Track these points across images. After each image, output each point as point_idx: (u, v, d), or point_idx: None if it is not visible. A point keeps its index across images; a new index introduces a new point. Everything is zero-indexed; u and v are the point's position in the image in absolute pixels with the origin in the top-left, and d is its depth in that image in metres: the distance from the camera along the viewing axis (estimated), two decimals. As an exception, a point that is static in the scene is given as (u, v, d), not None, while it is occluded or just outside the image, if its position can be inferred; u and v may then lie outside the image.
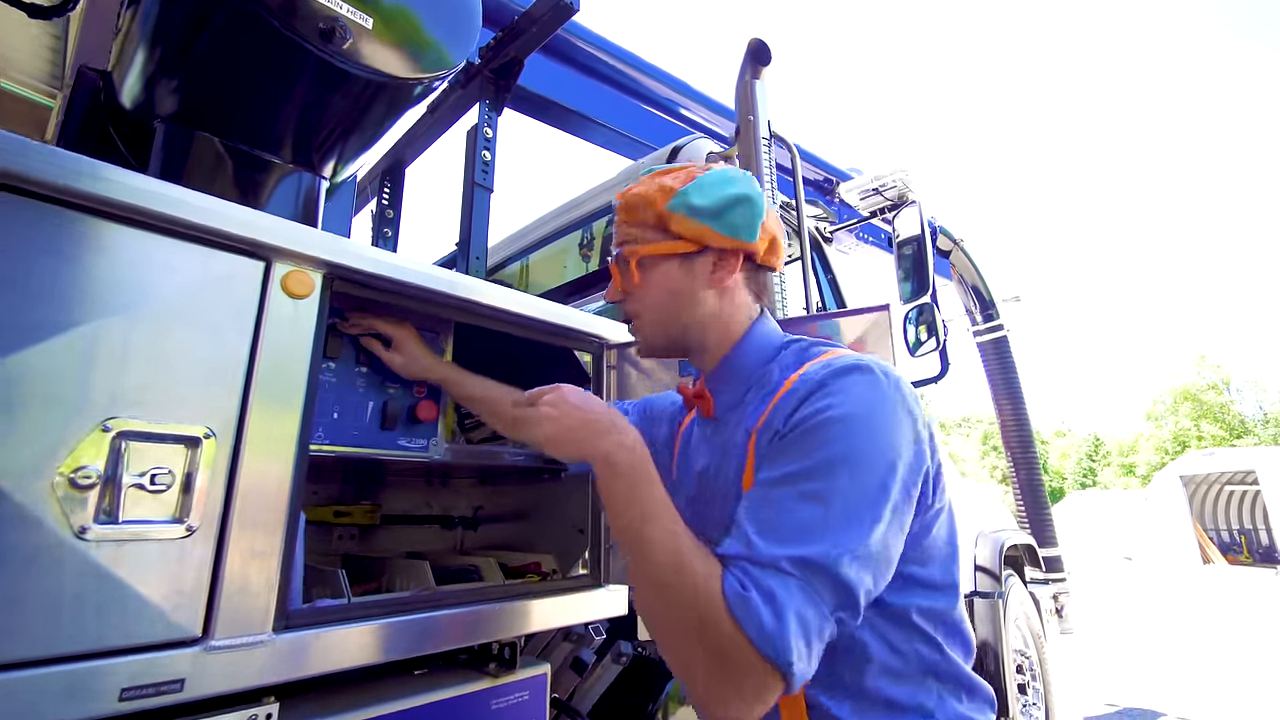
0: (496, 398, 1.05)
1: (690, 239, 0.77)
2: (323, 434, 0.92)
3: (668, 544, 0.61)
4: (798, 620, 0.55)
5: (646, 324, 0.84)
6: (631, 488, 0.66)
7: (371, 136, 1.58)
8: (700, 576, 0.58)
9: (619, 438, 0.69)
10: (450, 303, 1.00)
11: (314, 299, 0.81)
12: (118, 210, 0.66)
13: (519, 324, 1.11)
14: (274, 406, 0.75)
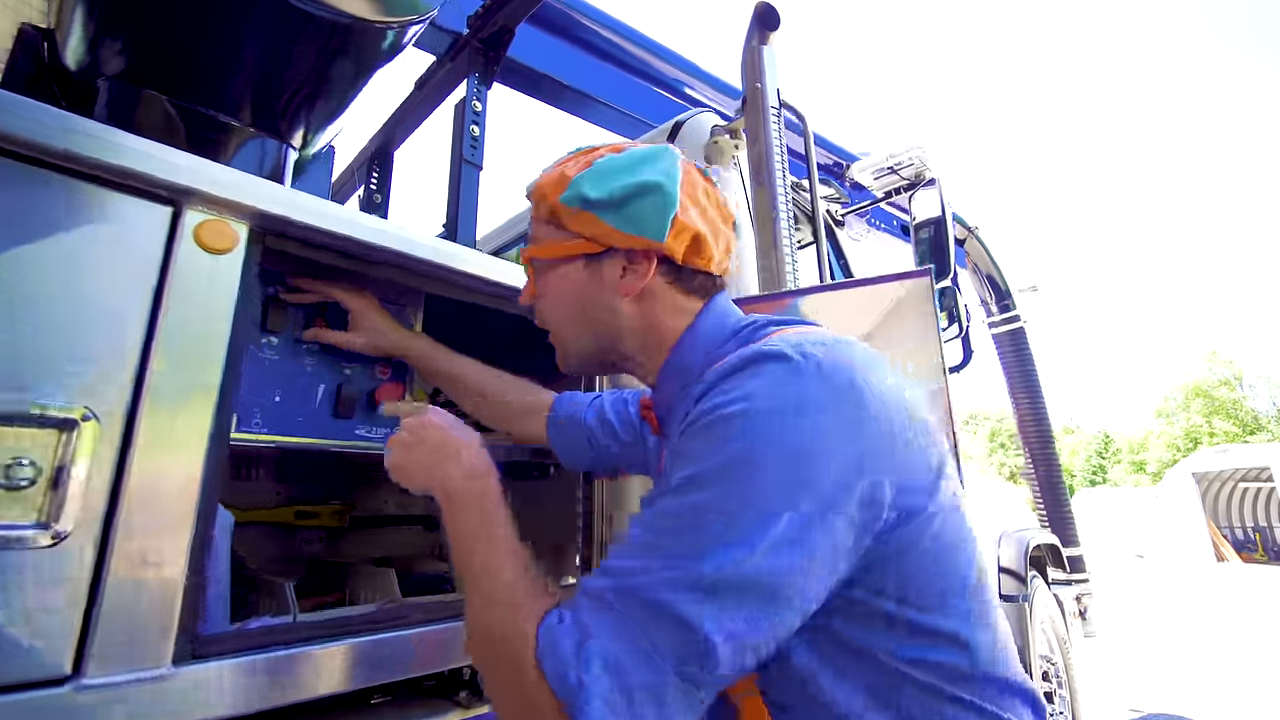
0: (482, 381, 0.91)
1: (590, 238, 0.61)
2: (259, 420, 0.78)
3: (499, 579, 0.51)
4: (606, 668, 0.42)
5: (560, 338, 0.68)
6: (468, 521, 0.57)
7: (341, 98, 1.44)
8: (523, 612, 0.48)
9: (462, 466, 0.60)
10: (415, 267, 0.85)
11: (237, 255, 0.67)
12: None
13: (498, 294, 0.96)
14: (180, 384, 0.61)
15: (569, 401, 0.90)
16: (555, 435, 0.89)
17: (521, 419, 0.92)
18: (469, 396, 0.92)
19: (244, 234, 0.68)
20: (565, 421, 0.88)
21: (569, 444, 0.88)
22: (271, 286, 0.82)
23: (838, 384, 0.48)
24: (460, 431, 0.64)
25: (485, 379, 0.91)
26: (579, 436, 0.87)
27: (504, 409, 0.92)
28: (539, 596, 0.49)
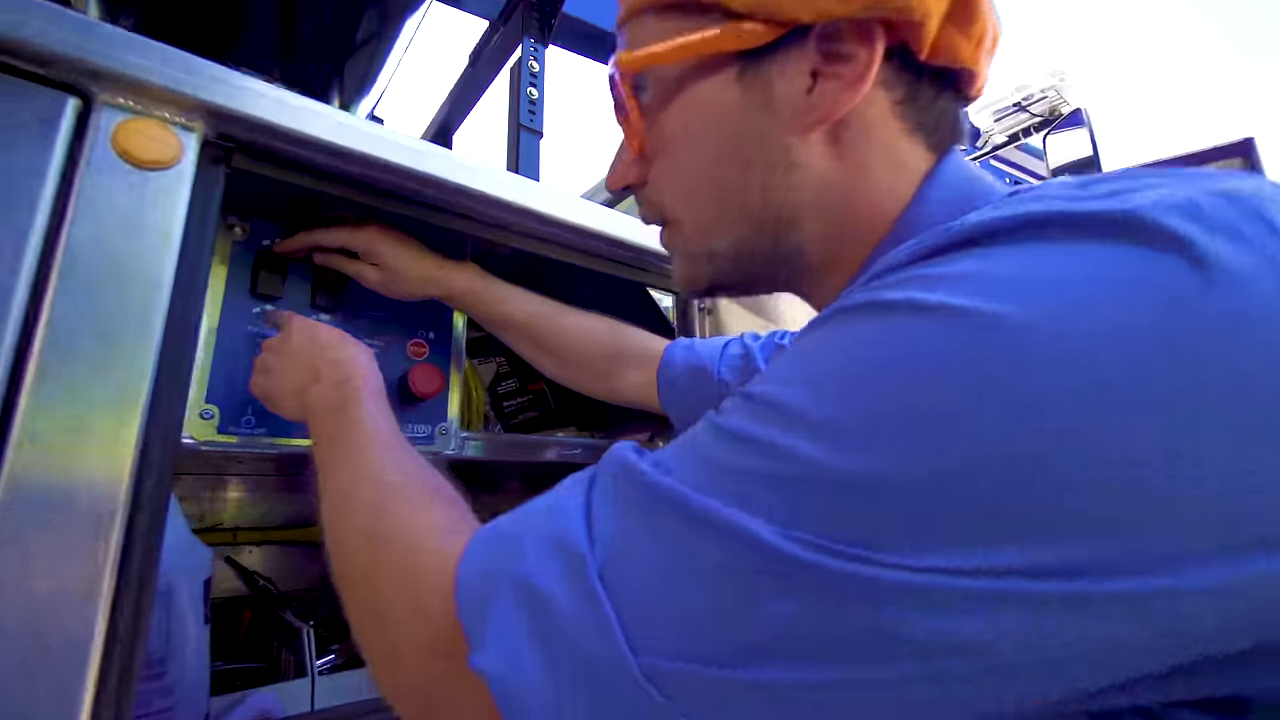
0: (559, 322, 0.67)
1: (749, 11, 0.31)
2: (252, 419, 0.57)
3: (377, 496, 0.36)
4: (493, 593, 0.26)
5: (685, 230, 0.38)
6: (334, 433, 0.43)
7: (374, 51, 1.26)
8: None
9: (333, 374, 0.47)
10: (452, 202, 0.62)
11: (182, 173, 0.45)
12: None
13: (560, 241, 0.72)
14: (87, 371, 0.40)
15: (688, 350, 0.64)
16: (670, 396, 0.64)
17: (617, 371, 0.67)
18: (542, 345, 0.68)
19: (192, 143, 0.46)
20: (684, 377, 0.62)
21: (690, 409, 0.62)
22: (265, 237, 0.62)
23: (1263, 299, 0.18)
24: (328, 334, 0.52)
25: (564, 320, 0.67)
26: (706, 397, 0.60)
27: (591, 358, 0.67)
28: None
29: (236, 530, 0.91)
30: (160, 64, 0.44)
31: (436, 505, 0.35)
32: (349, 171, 0.55)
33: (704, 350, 0.63)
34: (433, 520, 0.34)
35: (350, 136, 0.52)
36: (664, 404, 0.64)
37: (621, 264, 0.77)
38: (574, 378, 0.69)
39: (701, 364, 0.62)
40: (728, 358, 0.61)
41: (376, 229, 0.63)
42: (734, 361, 0.61)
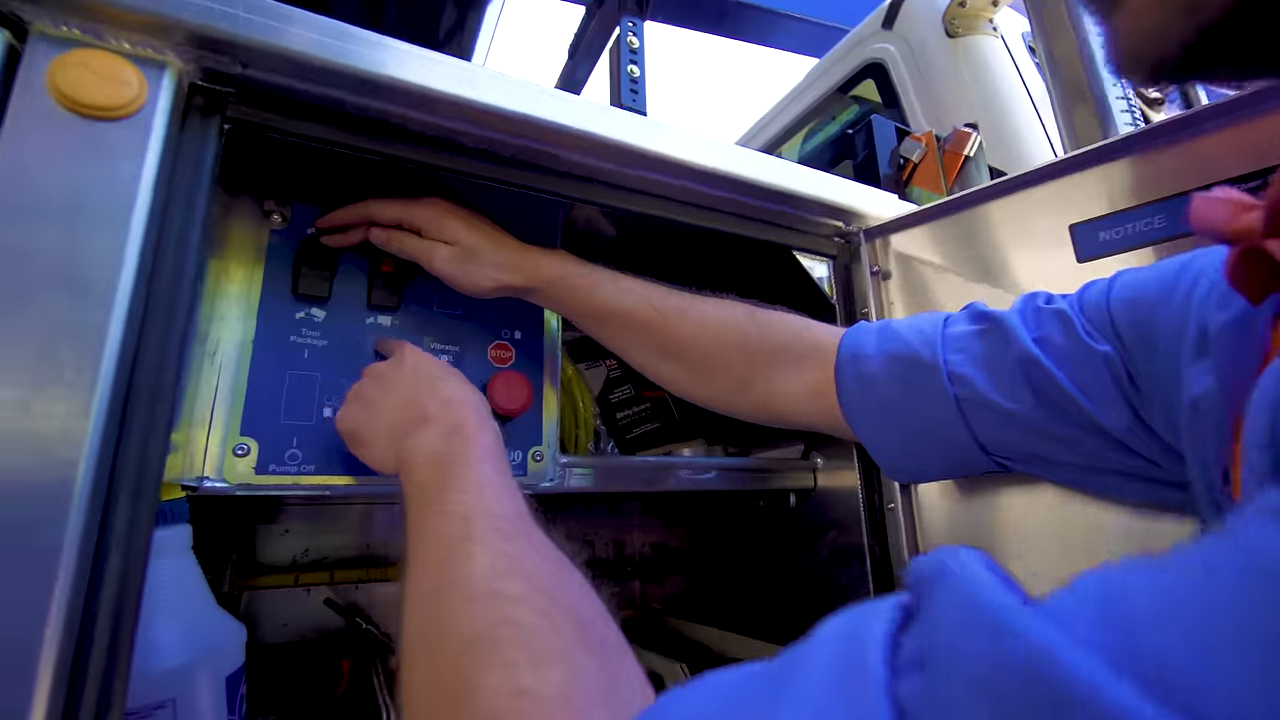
0: (694, 316, 0.48)
1: None
2: (299, 451, 0.45)
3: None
4: None
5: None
6: (432, 498, 0.31)
7: (459, 48, 1.17)
8: None
9: (445, 418, 0.36)
10: (537, 152, 0.46)
11: (147, 120, 0.32)
12: None
13: (679, 197, 0.53)
14: (23, 397, 0.27)
15: (882, 334, 0.43)
16: (860, 401, 0.43)
17: (765, 375, 0.47)
18: (660, 345, 0.48)
19: (165, 82, 0.33)
20: (886, 371, 0.42)
21: (897, 417, 0.42)
22: (309, 225, 0.49)
23: None
24: (445, 370, 0.42)
25: (689, 310, 0.48)
26: (925, 399, 0.40)
27: (728, 360, 0.47)
28: None
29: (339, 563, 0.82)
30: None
31: (578, 650, 0.23)
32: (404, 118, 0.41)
33: (910, 332, 0.42)
34: (569, 681, 0.21)
35: (395, 65, 0.38)
36: (848, 413, 0.43)
37: (758, 221, 0.56)
38: (704, 388, 0.49)
39: (911, 350, 0.40)
40: (954, 338, 0.39)
41: (444, 201, 0.48)
42: (966, 342, 0.39)
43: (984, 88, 1.40)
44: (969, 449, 0.40)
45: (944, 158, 0.95)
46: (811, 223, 0.58)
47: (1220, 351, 0.28)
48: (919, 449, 0.42)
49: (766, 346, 0.46)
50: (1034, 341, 0.36)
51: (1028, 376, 0.37)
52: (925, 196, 0.94)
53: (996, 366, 0.38)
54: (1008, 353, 0.37)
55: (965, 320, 0.41)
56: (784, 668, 0.16)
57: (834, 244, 0.60)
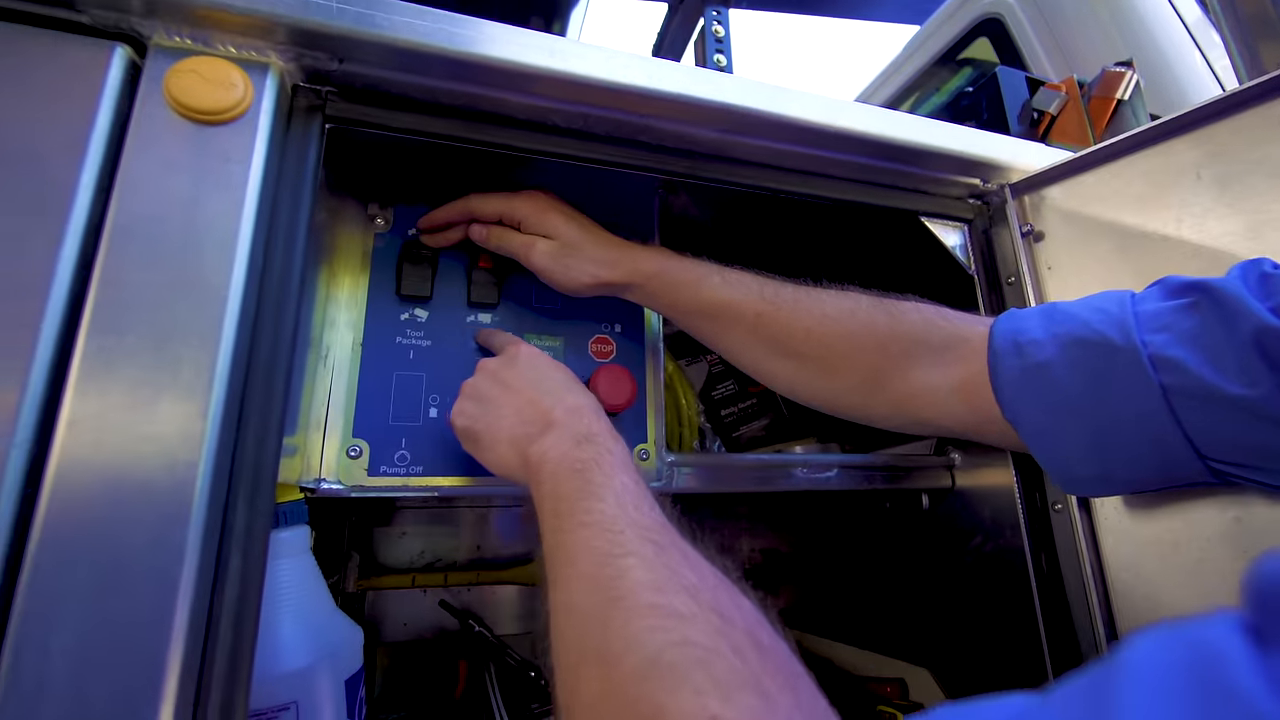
0: (813, 309, 0.42)
1: None
2: (407, 453, 0.44)
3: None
4: None
5: None
6: (572, 508, 0.30)
7: (557, 29, 1.17)
8: None
9: (574, 426, 0.35)
10: (619, 129, 0.43)
11: (253, 121, 0.32)
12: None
13: (788, 164, 0.48)
14: (138, 395, 0.28)
15: (1049, 317, 0.36)
16: (1031, 391, 0.36)
17: (900, 371, 0.41)
18: (773, 342, 0.43)
19: (269, 84, 0.33)
20: (1062, 359, 0.34)
21: (1092, 422, 0.34)
22: (410, 226, 0.49)
23: None
24: (564, 373, 0.41)
25: (804, 301, 0.43)
26: (1123, 393, 0.32)
27: (854, 354, 0.41)
28: None
29: (450, 570, 0.84)
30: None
31: (766, 677, 0.21)
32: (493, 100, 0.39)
33: (1088, 311, 0.34)
34: (762, 711, 0.20)
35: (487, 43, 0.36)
36: (1012, 410, 0.36)
37: (879, 186, 0.50)
38: (828, 388, 0.43)
39: (1095, 331, 0.33)
40: (1151, 315, 0.32)
41: (545, 194, 0.47)
42: (1170, 318, 0.31)
43: (1132, 30, 1.21)
44: (1178, 451, 0.31)
45: (1090, 106, 0.82)
46: (943, 182, 0.51)
47: None
48: (1107, 454, 0.34)
49: (901, 338, 0.40)
50: (1271, 310, 0.28)
51: (1264, 352, 0.28)
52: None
53: (1218, 344, 0.30)
54: (1236, 325, 0.29)
55: (1160, 295, 0.33)
56: (1092, 695, 0.12)
57: (969, 206, 0.52)
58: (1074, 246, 0.47)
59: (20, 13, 0.30)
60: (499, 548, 0.88)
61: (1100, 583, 0.43)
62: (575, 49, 0.38)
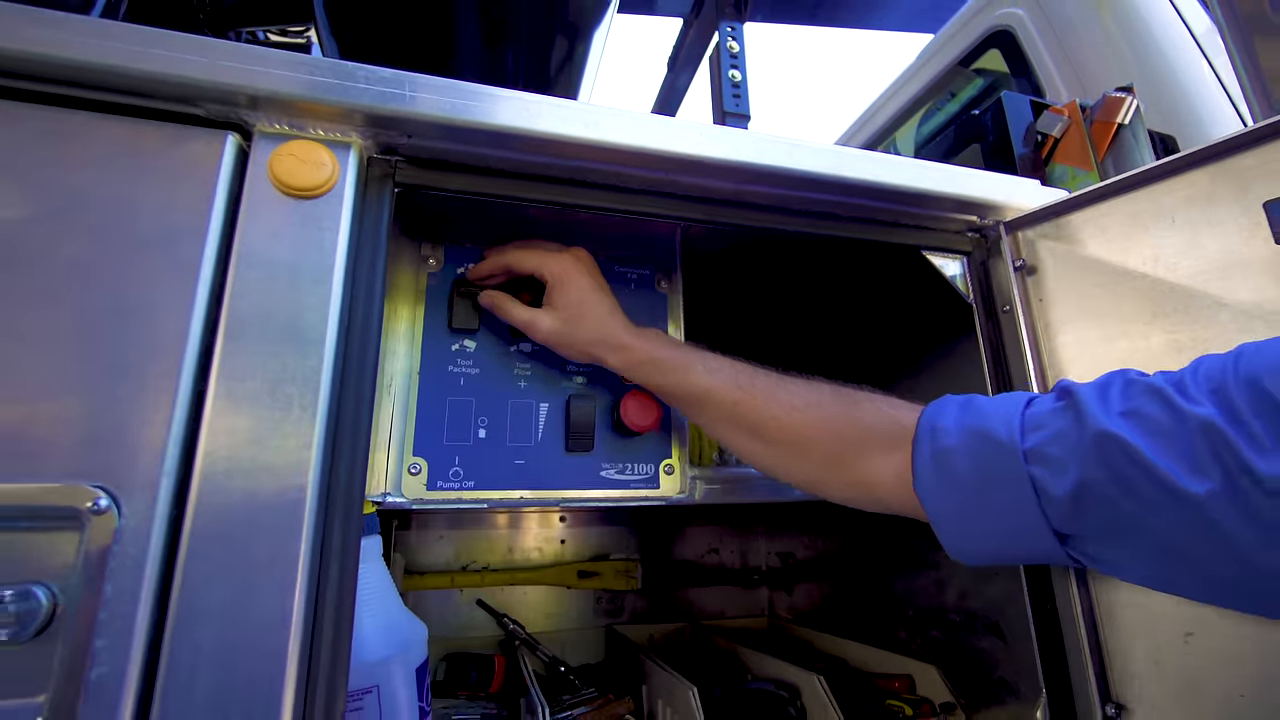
0: (769, 397, 0.47)
1: None
2: (460, 469, 0.50)
3: None
4: None
5: None
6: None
7: (569, 78, 1.22)
8: None
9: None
10: (655, 180, 0.48)
11: (340, 195, 0.38)
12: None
13: (798, 209, 0.53)
14: (257, 430, 0.34)
15: (963, 408, 0.41)
16: (934, 482, 0.40)
17: (852, 459, 0.44)
18: (749, 427, 0.47)
19: (350, 159, 0.39)
20: (963, 447, 0.39)
21: (974, 502, 0.38)
22: (462, 264, 0.55)
23: None
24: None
25: (776, 391, 0.47)
26: (1003, 478, 0.37)
27: (814, 442, 0.46)
28: None
29: (486, 570, 0.90)
30: (309, 73, 0.38)
31: None
32: (533, 164, 0.45)
33: (993, 407, 0.39)
34: None
35: (520, 116, 0.42)
36: (921, 492, 0.40)
37: (883, 224, 0.55)
38: (798, 470, 0.47)
39: (988, 427, 0.37)
40: (1036, 416, 0.36)
41: (573, 256, 0.51)
42: (1049, 420, 0.36)
43: (1140, 44, 1.23)
44: (1042, 535, 0.36)
45: (1092, 129, 0.86)
46: (942, 219, 0.55)
47: None
48: (986, 530, 0.38)
49: (855, 428, 0.44)
50: (1121, 414, 0.32)
51: (1100, 451, 0.32)
52: (1070, 175, 0.85)
53: (1071, 443, 0.34)
54: (1084, 427, 0.33)
55: (1050, 398, 0.37)
56: None
57: (968, 239, 0.57)
58: (1063, 280, 0.51)
59: (149, 109, 0.36)
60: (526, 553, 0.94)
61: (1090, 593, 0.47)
62: (609, 118, 0.44)
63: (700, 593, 1.01)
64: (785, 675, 0.70)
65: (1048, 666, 0.48)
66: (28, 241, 0.33)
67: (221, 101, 0.37)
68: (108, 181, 0.35)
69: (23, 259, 0.33)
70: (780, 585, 1.03)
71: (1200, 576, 0.32)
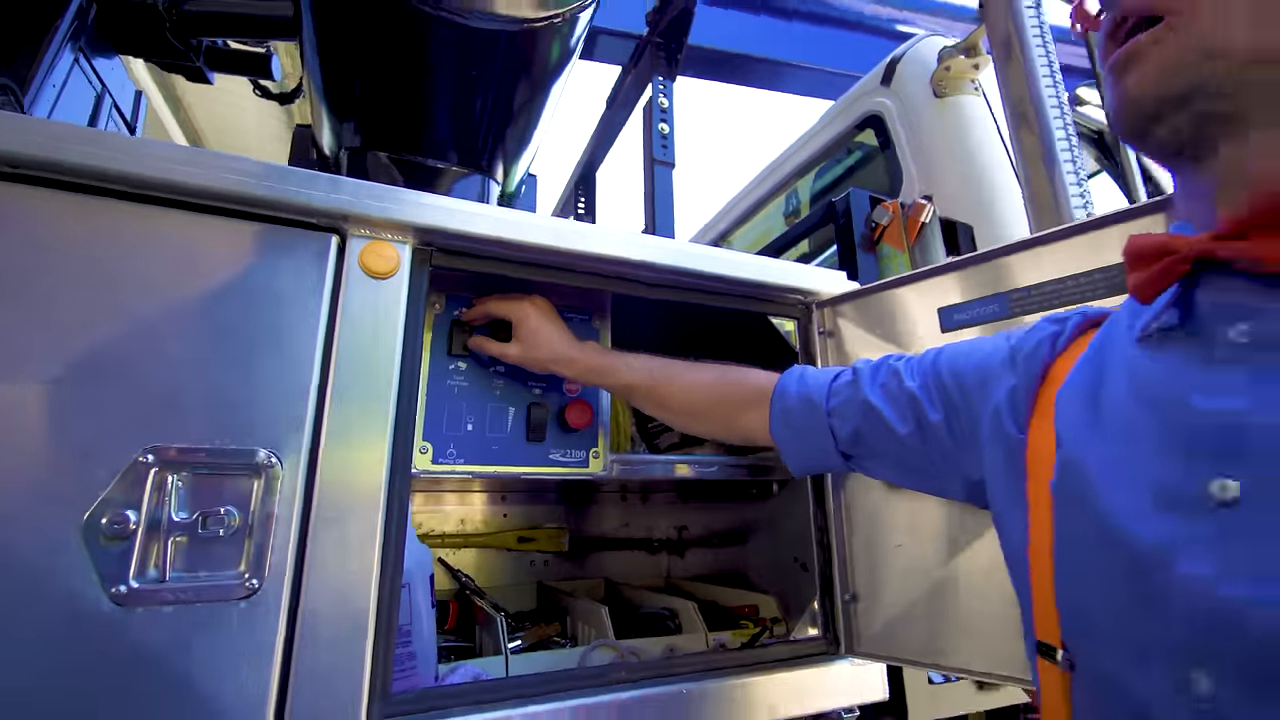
0: (672, 380, 0.73)
1: None
2: (454, 451, 0.74)
3: None
4: None
5: (1187, 37, 0.34)
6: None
7: (527, 120, 1.45)
8: None
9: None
10: (589, 267, 0.74)
11: (401, 277, 0.62)
12: (143, 188, 0.53)
13: (687, 286, 0.81)
14: (357, 420, 0.57)
15: (800, 381, 0.67)
16: (781, 428, 0.67)
17: (737, 415, 0.71)
18: (665, 404, 0.74)
19: (407, 254, 0.63)
20: (799, 408, 0.66)
21: (802, 439, 0.66)
22: (457, 308, 0.79)
23: None
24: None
25: (681, 379, 0.73)
26: (816, 426, 0.64)
27: (711, 408, 0.72)
28: None
29: (444, 536, 1.12)
30: (384, 197, 0.61)
31: None
32: (513, 255, 0.70)
33: (814, 380, 0.67)
34: None
35: (503, 225, 0.67)
36: (775, 437, 0.68)
37: (745, 297, 0.84)
38: (701, 429, 0.75)
39: (810, 394, 0.66)
40: (837, 387, 0.65)
41: (531, 303, 0.75)
42: (843, 390, 0.64)
43: (966, 146, 1.63)
44: (836, 456, 0.65)
45: (907, 222, 1.20)
46: (780, 297, 0.85)
47: (1018, 373, 0.51)
48: (808, 454, 0.67)
49: (735, 398, 0.71)
50: (873, 387, 0.62)
51: (858, 407, 0.62)
52: (891, 252, 1.20)
53: (853, 400, 0.63)
54: (858, 397, 0.63)
55: (847, 373, 0.66)
56: None
57: (797, 309, 0.87)
58: (851, 344, 0.81)
59: (284, 219, 0.58)
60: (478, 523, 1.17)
61: (844, 518, 0.78)
62: (567, 230, 0.69)
63: (614, 556, 1.28)
64: (669, 605, 0.98)
65: (822, 577, 0.79)
66: (217, 305, 0.54)
67: (329, 217, 0.59)
68: (260, 263, 0.57)
69: (215, 315, 0.54)
70: (675, 551, 1.32)
71: (904, 471, 0.61)
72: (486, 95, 1.26)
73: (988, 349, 0.55)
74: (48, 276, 0.49)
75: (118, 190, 0.53)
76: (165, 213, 0.54)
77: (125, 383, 0.50)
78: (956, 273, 0.71)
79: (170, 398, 0.51)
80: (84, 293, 0.50)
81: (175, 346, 0.52)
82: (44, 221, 0.50)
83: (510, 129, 1.44)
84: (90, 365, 0.49)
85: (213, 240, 0.56)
